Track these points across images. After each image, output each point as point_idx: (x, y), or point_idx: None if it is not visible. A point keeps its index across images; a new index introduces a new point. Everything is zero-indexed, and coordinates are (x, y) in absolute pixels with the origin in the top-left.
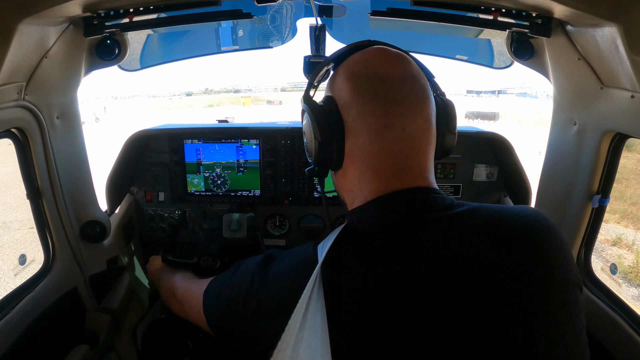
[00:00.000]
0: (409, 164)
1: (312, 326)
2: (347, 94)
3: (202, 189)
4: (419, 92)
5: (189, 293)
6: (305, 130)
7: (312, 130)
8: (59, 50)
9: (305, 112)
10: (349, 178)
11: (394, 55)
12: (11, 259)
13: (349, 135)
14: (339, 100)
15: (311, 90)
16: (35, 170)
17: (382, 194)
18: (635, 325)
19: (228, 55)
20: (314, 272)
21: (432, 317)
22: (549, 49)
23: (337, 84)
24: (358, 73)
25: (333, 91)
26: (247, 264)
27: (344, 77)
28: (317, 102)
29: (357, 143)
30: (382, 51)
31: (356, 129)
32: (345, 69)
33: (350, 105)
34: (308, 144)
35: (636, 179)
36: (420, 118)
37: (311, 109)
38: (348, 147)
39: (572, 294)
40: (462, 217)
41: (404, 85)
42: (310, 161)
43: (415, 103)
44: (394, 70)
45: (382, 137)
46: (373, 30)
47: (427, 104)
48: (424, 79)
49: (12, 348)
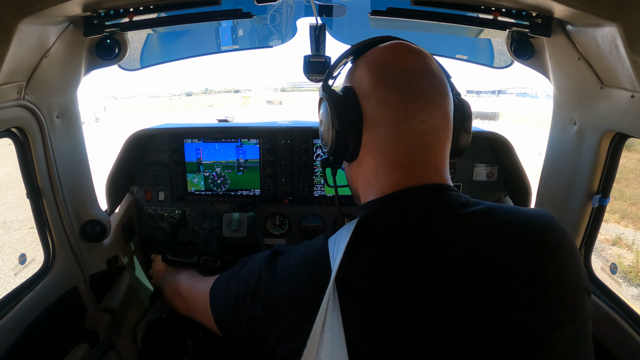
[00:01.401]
0: (427, 158)
1: (331, 328)
2: (368, 84)
3: (202, 188)
4: (439, 86)
5: (194, 291)
6: (323, 119)
7: (330, 118)
8: (59, 49)
9: (323, 101)
10: (364, 170)
11: (415, 49)
12: (11, 258)
13: (367, 125)
14: (359, 90)
15: (329, 81)
16: (35, 170)
17: (400, 189)
18: (635, 326)
19: (228, 55)
20: (331, 274)
21: (445, 316)
22: (549, 48)
23: (358, 74)
24: (379, 64)
25: (353, 82)
26: (254, 259)
27: (365, 68)
28: (336, 91)
29: (375, 133)
30: (404, 45)
31: (375, 119)
32: (367, 60)
33: (370, 95)
34: (324, 132)
35: (636, 179)
36: (439, 112)
37: (330, 97)
38: (365, 137)
39: (582, 299)
40: (477, 215)
41: (425, 78)
42: (324, 151)
43: (436, 97)
44: (415, 63)
45: (401, 128)
46: (373, 30)
47: (446, 99)
48: (443, 75)
49: (12, 347)
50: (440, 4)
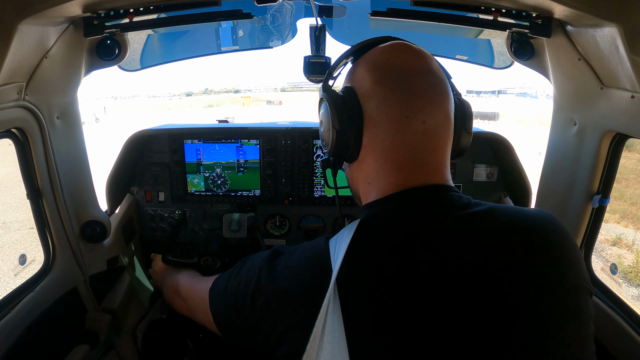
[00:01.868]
0: (428, 158)
1: (331, 330)
2: (369, 84)
3: (202, 189)
4: (440, 86)
5: (194, 291)
6: (323, 120)
7: (331, 118)
8: (59, 50)
9: (323, 101)
10: (365, 170)
11: (416, 49)
12: (11, 259)
13: (367, 126)
14: (359, 90)
15: (329, 81)
16: (35, 170)
17: (401, 190)
18: (636, 326)
19: (228, 55)
20: (332, 275)
21: (447, 318)
22: (549, 49)
23: (358, 74)
24: (380, 64)
25: (353, 82)
26: (254, 259)
27: (365, 68)
28: (337, 91)
29: (375, 134)
30: (404, 45)
31: (376, 119)
32: (367, 60)
33: (371, 95)
34: (324, 133)
35: (636, 179)
36: (440, 113)
37: (330, 97)
38: (366, 137)
39: (584, 300)
40: (479, 216)
41: (425, 78)
42: (325, 151)
43: (436, 97)
44: (416, 63)
45: (402, 128)
46: (373, 31)
47: (447, 99)
48: (444, 76)
49: (13, 348)
50: (440, 4)
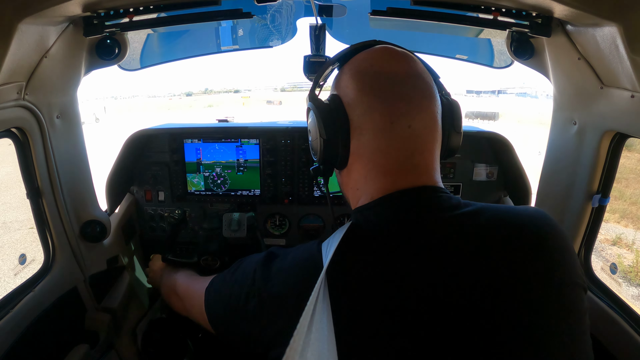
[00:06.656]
0: (416, 161)
1: (319, 329)
2: (353, 91)
3: (202, 188)
4: (425, 89)
5: (190, 290)
6: (311, 129)
7: (318, 127)
8: (58, 50)
9: (310, 110)
10: (354, 176)
11: (400, 53)
12: (11, 258)
13: (354, 133)
14: (345, 98)
15: (316, 90)
16: (35, 170)
17: (389, 193)
18: (635, 325)
19: (228, 55)
20: (320, 275)
21: (437, 318)
22: (549, 48)
23: (343, 82)
24: (363, 71)
25: (339, 90)
26: (249, 261)
27: (349, 76)
28: (323, 100)
29: (362, 140)
30: (388, 50)
31: (362, 127)
32: (351, 68)
33: (356, 102)
34: (313, 142)
35: (636, 178)
36: (426, 115)
37: (317, 107)
38: (354, 144)
39: (577, 296)
40: (469, 217)
41: (409, 82)
42: (314, 159)
43: (421, 100)
44: (399, 68)
45: (388, 134)
46: (373, 30)
47: (432, 102)
48: (429, 78)
49: (12, 348)
50: (440, 4)
